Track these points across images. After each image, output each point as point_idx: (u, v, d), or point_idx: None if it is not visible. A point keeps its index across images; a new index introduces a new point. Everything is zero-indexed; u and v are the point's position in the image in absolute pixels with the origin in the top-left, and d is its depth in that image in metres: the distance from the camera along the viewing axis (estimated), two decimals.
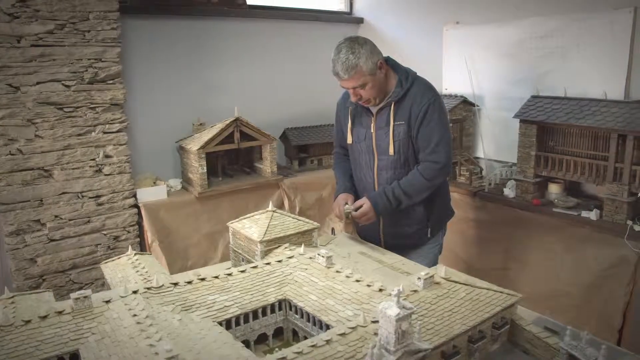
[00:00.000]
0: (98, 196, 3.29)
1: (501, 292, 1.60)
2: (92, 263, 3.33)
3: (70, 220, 3.22)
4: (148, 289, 1.59)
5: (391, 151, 2.44)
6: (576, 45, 3.23)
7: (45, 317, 1.41)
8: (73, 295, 1.46)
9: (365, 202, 2.42)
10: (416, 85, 2.41)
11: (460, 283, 1.58)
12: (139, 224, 3.48)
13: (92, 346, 1.35)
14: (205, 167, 3.47)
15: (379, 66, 2.33)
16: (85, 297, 1.46)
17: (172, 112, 3.85)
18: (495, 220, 3.40)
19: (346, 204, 2.50)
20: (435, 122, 2.36)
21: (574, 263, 2.95)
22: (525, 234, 3.21)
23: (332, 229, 2.83)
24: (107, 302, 1.50)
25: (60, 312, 1.44)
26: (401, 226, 2.57)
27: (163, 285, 1.61)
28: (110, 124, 3.25)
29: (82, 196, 3.24)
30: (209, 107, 3.95)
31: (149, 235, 3.39)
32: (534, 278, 3.16)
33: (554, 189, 3.23)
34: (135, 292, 1.55)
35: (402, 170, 2.47)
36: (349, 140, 2.60)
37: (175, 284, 1.63)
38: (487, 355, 1.51)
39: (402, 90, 2.38)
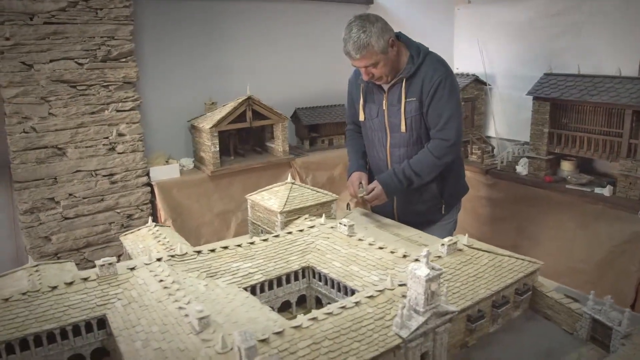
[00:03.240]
0: (111, 174, 3.30)
1: (522, 259, 1.61)
2: (105, 241, 3.35)
3: (84, 198, 3.23)
4: (172, 256, 1.60)
5: (403, 128, 2.40)
6: (590, 22, 3.20)
7: (71, 283, 1.43)
8: (98, 262, 1.48)
9: (376, 185, 2.40)
10: (428, 60, 2.36)
11: (483, 250, 1.59)
12: (152, 202, 3.50)
13: (120, 310, 1.36)
14: (217, 146, 3.47)
15: (390, 44, 2.28)
16: (110, 264, 1.48)
17: (184, 91, 3.83)
18: (507, 198, 3.41)
19: (360, 183, 2.49)
20: (446, 99, 2.32)
21: (586, 239, 2.96)
22: (538, 211, 3.21)
23: (348, 204, 2.82)
24: (132, 269, 1.51)
25: (85, 279, 1.45)
26: (415, 203, 2.56)
27: (187, 253, 1.62)
28: (123, 102, 3.25)
29: (96, 174, 3.25)
30: (220, 87, 3.94)
31: (162, 214, 3.40)
32: (546, 254, 3.15)
33: (566, 167, 3.23)
34: (159, 259, 1.57)
35: (414, 147, 2.44)
36: (361, 117, 2.56)
37: (199, 252, 1.64)
38: (509, 321, 1.53)
39: (414, 66, 2.33)
